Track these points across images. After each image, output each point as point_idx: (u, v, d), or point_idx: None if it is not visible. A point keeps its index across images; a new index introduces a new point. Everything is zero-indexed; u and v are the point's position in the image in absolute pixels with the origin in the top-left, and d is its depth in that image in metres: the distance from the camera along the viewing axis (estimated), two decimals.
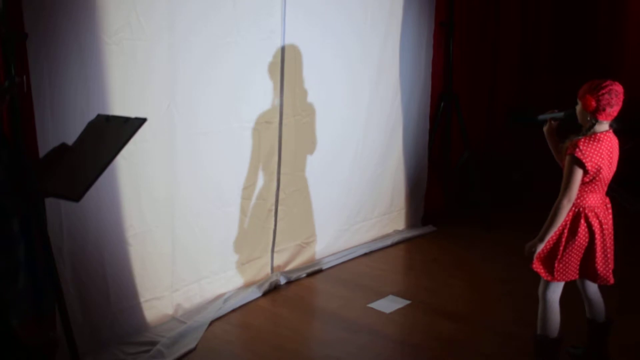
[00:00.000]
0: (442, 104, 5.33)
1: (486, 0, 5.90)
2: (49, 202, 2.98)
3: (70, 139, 2.87)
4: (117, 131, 2.57)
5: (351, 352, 3.41)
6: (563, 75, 6.43)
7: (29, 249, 2.32)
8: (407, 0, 4.85)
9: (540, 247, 2.86)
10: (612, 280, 2.98)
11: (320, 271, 4.48)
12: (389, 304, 3.97)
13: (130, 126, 2.54)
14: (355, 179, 4.79)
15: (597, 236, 2.88)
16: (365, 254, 4.81)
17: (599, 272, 2.93)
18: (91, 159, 2.53)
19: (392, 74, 4.89)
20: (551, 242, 2.89)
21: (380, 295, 4.09)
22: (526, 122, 3.18)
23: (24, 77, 2.76)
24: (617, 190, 5.84)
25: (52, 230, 3.00)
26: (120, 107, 3.19)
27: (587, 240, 2.89)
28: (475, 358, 3.36)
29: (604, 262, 2.93)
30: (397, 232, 5.23)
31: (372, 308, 3.93)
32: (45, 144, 2.92)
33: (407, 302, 4.00)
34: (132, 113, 3.09)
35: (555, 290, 2.98)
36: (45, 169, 2.56)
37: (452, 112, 5.38)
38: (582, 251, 2.90)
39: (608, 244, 2.94)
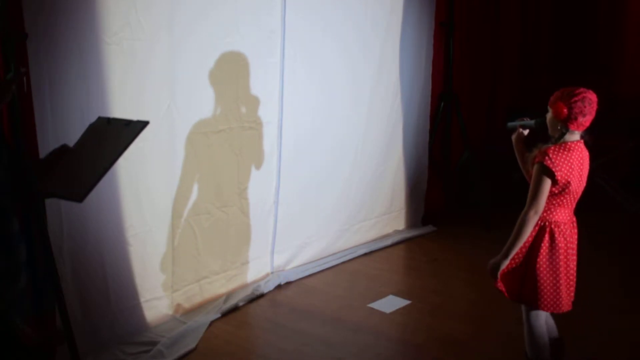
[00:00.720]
0: (442, 104, 5.33)
1: (486, 0, 5.90)
2: (49, 202, 2.98)
3: (70, 139, 2.87)
4: (118, 134, 2.56)
5: (351, 352, 3.41)
6: (563, 75, 6.43)
7: (29, 249, 2.32)
8: (407, 0, 4.85)
9: (505, 264, 2.67)
10: (569, 307, 2.75)
11: (320, 271, 4.48)
12: (389, 304, 3.97)
13: (132, 129, 2.53)
14: (356, 179, 4.79)
15: (561, 256, 2.68)
16: (365, 254, 4.81)
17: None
18: (93, 161, 2.52)
19: (392, 74, 4.90)
20: (516, 260, 2.71)
21: (381, 295, 4.09)
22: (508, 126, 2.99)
23: (24, 76, 2.75)
24: (617, 190, 5.85)
25: (52, 230, 3.00)
26: (120, 107, 3.19)
27: (550, 259, 2.68)
28: (476, 358, 3.36)
29: (566, 286, 2.72)
30: (397, 232, 5.23)
31: (372, 308, 3.92)
32: (45, 144, 2.92)
33: (408, 302, 4.00)
34: (132, 113, 3.10)
35: (539, 315, 2.80)
36: (46, 169, 2.56)
37: (452, 112, 5.38)
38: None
39: (571, 267, 2.73)
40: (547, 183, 2.60)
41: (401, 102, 5.01)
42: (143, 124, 2.52)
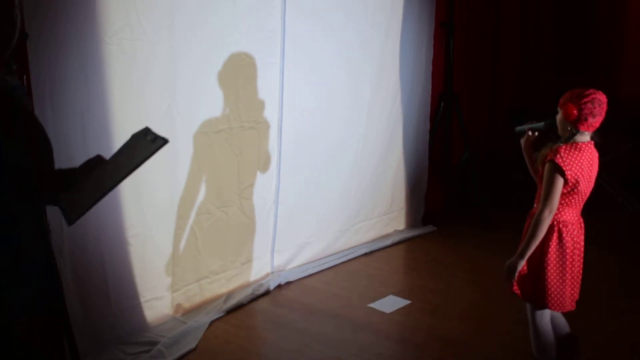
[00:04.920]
0: (442, 104, 5.33)
1: (486, 0, 5.91)
2: None
3: (70, 139, 2.88)
4: (141, 150, 2.26)
5: (351, 352, 3.41)
6: (563, 75, 6.44)
7: (32, 247, 2.32)
8: (407, 1, 4.85)
9: (521, 265, 2.65)
10: (573, 307, 2.75)
11: (320, 271, 4.48)
12: (389, 304, 3.97)
13: (152, 148, 2.21)
14: (356, 179, 4.80)
15: (568, 256, 2.67)
16: (366, 254, 4.81)
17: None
18: (106, 179, 2.28)
19: (392, 74, 4.90)
20: (531, 260, 2.69)
21: (381, 295, 4.09)
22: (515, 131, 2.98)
23: (24, 77, 2.75)
24: (617, 190, 5.85)
25: (53, 230, 2.98)
26: (120, 107, 3.19)
27: (558, 258, 2.67)
28: (475, 358, 3.36)
29: (571, 285, 2.71)
30: (397, 232, 5.23)
31: (372, 308, 3.93)
32: None
33: (408, 302, 4.00)
34: (132, 113, 3.11)
35: (544, 314, 2.80)
36: (74, 180, 2.42)
37: (453, 112, 5.38)
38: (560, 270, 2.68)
39: (577, 267, 2.72)
40: (560, 181, 2.59)
41: (401, 102, 5.02)
42: (162, 142, 2.18)
